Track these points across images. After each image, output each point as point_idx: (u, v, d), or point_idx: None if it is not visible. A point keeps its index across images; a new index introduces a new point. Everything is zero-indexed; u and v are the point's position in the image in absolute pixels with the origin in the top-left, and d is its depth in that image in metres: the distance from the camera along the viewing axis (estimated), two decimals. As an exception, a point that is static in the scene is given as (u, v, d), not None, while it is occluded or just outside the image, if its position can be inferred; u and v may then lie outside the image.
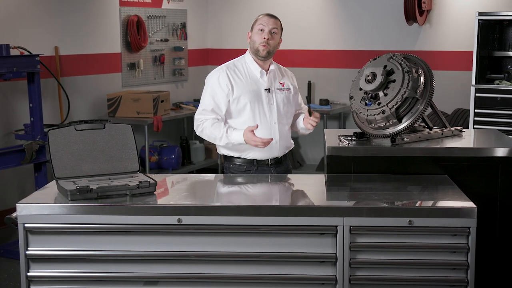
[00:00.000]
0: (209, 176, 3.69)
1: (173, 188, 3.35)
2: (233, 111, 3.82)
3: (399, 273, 2.84)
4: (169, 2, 7.99)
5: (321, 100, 7.83)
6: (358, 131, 3.57)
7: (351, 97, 3.59)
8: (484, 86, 6.42)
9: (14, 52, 5.59)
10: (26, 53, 5.73)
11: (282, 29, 3.87)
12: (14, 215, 2.87)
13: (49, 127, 5.62)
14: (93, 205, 2.84)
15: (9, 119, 6.15)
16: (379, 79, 3.41)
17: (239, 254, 2.85)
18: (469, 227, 2.77)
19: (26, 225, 2.84)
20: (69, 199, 2.85)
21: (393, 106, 3.37)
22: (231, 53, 6.87)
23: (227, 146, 3.80)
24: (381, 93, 3.43)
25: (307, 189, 3.28)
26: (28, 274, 2.86)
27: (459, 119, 6.72)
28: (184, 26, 8.21)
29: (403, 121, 3.42)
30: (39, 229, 2.85)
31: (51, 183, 3.20)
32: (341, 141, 3.50)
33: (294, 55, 7.93)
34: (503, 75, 6.48)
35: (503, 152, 3.32)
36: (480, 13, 6.37)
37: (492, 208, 3.29)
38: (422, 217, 2.79)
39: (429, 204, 3.07)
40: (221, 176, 3.76)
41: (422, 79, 3.43)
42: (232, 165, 3.87)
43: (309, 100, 7.97)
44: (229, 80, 3.80)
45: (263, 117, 3.80)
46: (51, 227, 2.85)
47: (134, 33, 7.35)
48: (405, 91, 3.35)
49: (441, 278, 2.83)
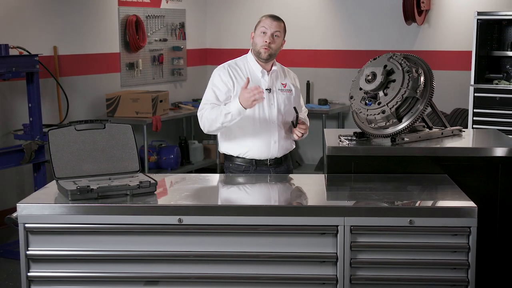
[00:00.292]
0: (209, 176, 3.69)
1: (174, 188, 3.35)
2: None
3: (400, 273, 2.84)
4: (167, 2, 7.99)
5: (319, 100, 7.84)
6: (358, 131, 3.57)
7: (351, 97, 3.59)
8: (483, 86, 6.43)
9: (13, 52, 5.59)
10: (25, 53, 5.72)
11: (285, 31, 3.86)
12: (14, 215, 2.87)
13: (48, 127, 5.62)
14: (94, 205, 2.84)
15: (8, 119, 6.14)
16: (379, 79, 3.41)
17: (240, 254, 2.85)
18: (469, 227, 2.77)
19: (26, 225, 2.84)
20: (70, 199, 2.85)
21: (393, 106, 3.37)
22: (230, 53, 6.88)
23: (227, 120, 3.63)
24: (381, 93, 3.43)
25: (308, 189, 3.28)
26: (28, 274, 2.86)
27: (458, 119, 6.73)
28: (182, 26, 8.21)
29: (403, 121, 3.43)
30: (40, 229, 2.85)
31: (51, 183, 3.20)
32: (341, 141, 3.51)
33: (292, 55, 7.92)
34: (502, 75, 6.49)
35: (503, 151, 3.33)
36: (479, 13, 6.37)
37: (492, 207, 3.29)
38: (422, 216, 2.79)
39: (430, 203, 3.07)
40: (222, 176, 3.76)
41: (422, 79, 3.43)
42: (231, 165, 3.87)
43: (308, 100, 7.98)
44: (230, 77, 3.80)
45: (262, 116, 3.80)
46: (51, 227, 2.85)
47: (132, 33, 7.34)
48: (405, 91, 3.35)
49: (441, 278, 2.83)
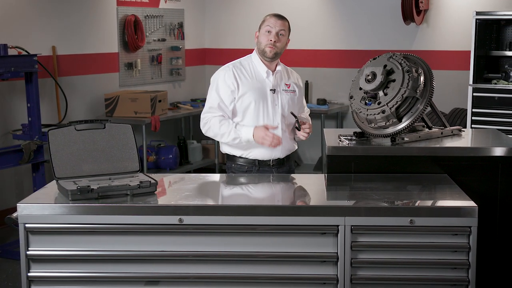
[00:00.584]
0: (209, 176, 3.69)
1: (174, 188, 3.34)
2: (238, 109, 3.79)
3: (400, 273, 2.84)
4: (166, 1, 7.98)
5: (318, 99, 7.84)
6: (358, 130, 3.57)
7: (351, 97, 3.59)
8: (481, 85, 6.42)
9: (12, 52, 5.58)
10: (23, 53, 5.71)
11: (290, 30, 3.86)
12: (14, 215, 2.87)
13: (47, 127, 5.61)
14: (94, 205, 2.84)
15: (6, 119, 6.13)
16: (379, 78, 3.41)
17: (240, 254, 2.85)
18: (470, 227, 2.78)
19: (26, 225, 2.84)
20: (70, 199, 2.85)
21: (393, 105, 3.37)
22: (228, 53, 6.89)
23: (233, 142, 3.75)
24: (381, 93, 3.43)
25: (308, 188, 3.29)
26: (28, 274, 2.86)
27: (457, 119, 6.73)
28: (181, 25, 8.20)
29: (403, 120, 3.43)
30: (40, 229, 2.85)
31: (51, 183, 3.20)
32: (341, 140, 3.51)
33: (291, 54, 7.91)
34: (500, 75, 6.49)
35: (503, 151, 3.34)
36: (477, 13, 6.37)
37: (492, 207, 3.30)
38: (423, 216, 2.79)
39: (430, 203, 3.08)
40: (222, 176, 3.75)
41: (422, 78, 3.43)
42: (234, 165, 3.86)
43: (307, 99, 7.96)
44: (235, 78, 3.78)
45: (266, 117, 3.79)
46: (51, 227, 2.84)
47: (131, 32, 7.33)
48: (405, 91, 3.35)
49: (442, 277, 2.83)
